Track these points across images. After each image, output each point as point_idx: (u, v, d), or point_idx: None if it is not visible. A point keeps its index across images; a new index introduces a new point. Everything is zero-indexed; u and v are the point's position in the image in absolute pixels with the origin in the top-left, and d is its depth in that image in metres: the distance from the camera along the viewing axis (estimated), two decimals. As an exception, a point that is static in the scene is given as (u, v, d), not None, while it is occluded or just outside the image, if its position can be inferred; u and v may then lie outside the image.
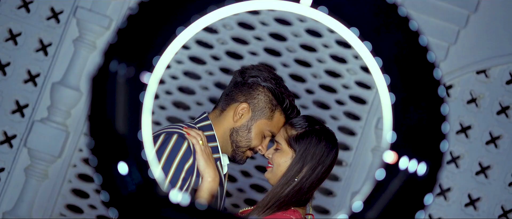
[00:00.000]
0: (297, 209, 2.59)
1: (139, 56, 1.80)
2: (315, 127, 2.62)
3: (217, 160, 2.64)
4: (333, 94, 4.54)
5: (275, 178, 2.61)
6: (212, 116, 2.70)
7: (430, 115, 1.79)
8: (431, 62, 1.81)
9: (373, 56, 1.83)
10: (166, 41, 1.81)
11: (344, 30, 1.84)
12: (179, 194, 1.75)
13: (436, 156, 1.78)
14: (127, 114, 1.77)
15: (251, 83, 2.65)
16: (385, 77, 1.82)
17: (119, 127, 1.77)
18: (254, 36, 4.53)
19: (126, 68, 1.79)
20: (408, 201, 1.74)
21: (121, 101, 1.78)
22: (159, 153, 2.51)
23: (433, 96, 1.80)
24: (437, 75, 1.81)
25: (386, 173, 1.76)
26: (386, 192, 1.73)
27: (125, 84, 1.78)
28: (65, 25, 4.51)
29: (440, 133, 1.79)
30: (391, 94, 1.81)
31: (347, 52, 4.52)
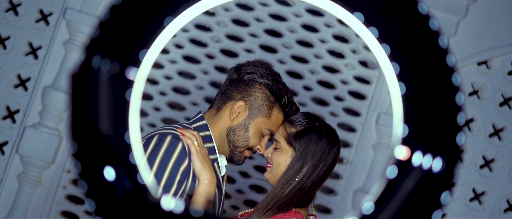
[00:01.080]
0: (299, 210, 2.52)
1: (124, 50, 1.62)
2: (315, 124, 2.54)
3: (214, 161, 2.57)
4: (332, 90, 4.48)
5: (275, 178, 2.53)
6: (207, 116, 2.62)
7: (444, 106, 1.61)
8: (444, 48, 1.63)
9: (380, 43, 1.64)
10: (153, 33, 1.63)
11: (347, 16, 1.65)
12: (172, 201, 1.56)
13: (452, 150, 1.60)
14: (112, 115, 1.59)
15: (247, 80, 2.57)
16: (394, 65, 1.64)
17: (103, 129, 1.58)
18: (249, 33, 4.45)
19: (110, 63, 1.61)
20: (424, 200, 1.55)
21: (105, 100, 1.59)
22: (152, 156, 2.43)
23: (446, 85, 1.62)
24: (451, 62, 1.63)
25: (399, 171, 1.58)
26: (399, 192, 1.55)
27: (109, 82, 1.60)
28: (54, 27, 4.39)
29: (455, 125, 1.60)
30: (401, 83, 1.63)
31: (345, 46, 4.45)
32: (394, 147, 1.60)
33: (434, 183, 1.56)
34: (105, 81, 1.60)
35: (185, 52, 4.46)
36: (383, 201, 1.56)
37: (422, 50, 1.64)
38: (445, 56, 1.63)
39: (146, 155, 2.42)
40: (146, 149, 2.43)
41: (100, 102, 1.59)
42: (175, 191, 2.43)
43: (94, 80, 1.60)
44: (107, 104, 1.59)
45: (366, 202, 1.56)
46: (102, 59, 1.61)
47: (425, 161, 1.58)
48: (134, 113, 1.62)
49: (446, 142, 1.60)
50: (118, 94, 1.60)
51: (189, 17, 1.67)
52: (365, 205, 1.56)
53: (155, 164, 2.42)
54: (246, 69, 2.58)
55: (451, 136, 1.60)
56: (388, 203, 1.55)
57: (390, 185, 1.57)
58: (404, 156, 1.60)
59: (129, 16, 1.64)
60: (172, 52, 4.44)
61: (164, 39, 1.65)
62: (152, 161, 2.42)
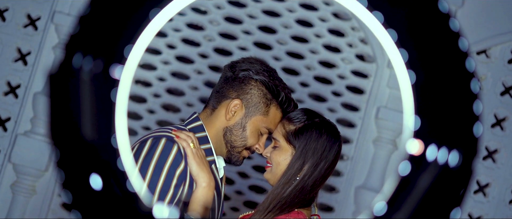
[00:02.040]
0: (301, 210, 2.44)
1: (107, 47, 1.46)
2: (314, 120, 2.47)
3: (211, 163, 2.48)
4: (329, 86, 4.39)
5: (275, 178, 2.46)
6: (203, 116, 2.54)
7: (459, 94, 1.45)
8: (455, 31, 1.47)
9: (386, 29, 1.49)
10: (138, 27, 1.47)
11: (350, 0, 1.50)
12: (165, 209, 1.40)
13: (469, 142, 1.44)
14: (97, 117, 1.43)
15: (243, 77, 2.49)
16: (402, 52, 1.48)
17: (87, 133, 1.42)
18: (243, 31, 4.37)
19: (92, 62, 1.45)
20: (441, 198, 1.39)
21: (88, 102, 1.43)
22: (147, 160, 2.35)
23: (460, 71, 1.46)
24: (463, 46, 1.47)
25: (412, 167, 1.42)
26: (414, 190, 1.39)
27: (92, 81, 1.44)
28: (43, 32, 4.26)
29: (472, 115, 1.45)
30: (410, 71, 1.47)
31: (341, 40, 4.37)
32: (405, 141, 1.45)
33: (451, 179, 1.40)
34: (87, 81, 1.44)
35: (178, 52, 4.38)
36: (397, 201, 1.40)
37: (431, 34, 1.48)
38: (457, 40, 1.48)
39: (140, 159, 2.34)
40: (140, 153, 2.36)
41: (83, 104, 1.43)
42: (171, 196, 2.34)
43: (76, 80, 1.44)
44: (91, 106, 1.44)
45: (378, 202, 1.40)
46: (84, 57, 1.46)
47: (440, 155, 1.42)
48: (121, 115, 1.47)
49: (462, 133, 1.44)
50: (102, 95, 1.45)
51: (176, 8, 1.52)
52: (376, 205, 1.41)
53: (150, 168, 2.33)
54: (240, 66, 2.51)
55: (467, 126, 1.45)
56: (402, 203, 1.39)
57: (403, 183, 1.41)
58: (417, 150, 1.44)
59: (112, 10, 1.48)
60: (164, 53, 4.36)
61: (150, 33, 1.49)
62: (146, 165, 2.34)
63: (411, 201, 1.39)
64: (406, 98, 1.47)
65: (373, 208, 1.40)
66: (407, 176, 1.42)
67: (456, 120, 1.45)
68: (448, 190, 1.40)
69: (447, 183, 1.40)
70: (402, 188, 1.41)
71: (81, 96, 1.43)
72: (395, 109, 4.20)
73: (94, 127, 1.41)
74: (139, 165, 2.32)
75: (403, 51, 1.48)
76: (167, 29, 4.31)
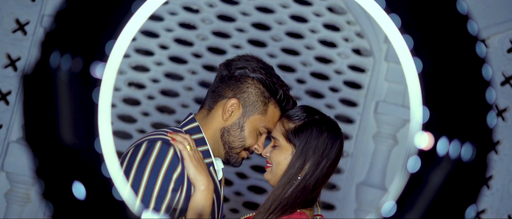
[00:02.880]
0: (304, 210, 2.38)
1: (86, 44, 1.32)
2: (314, 117, 2.41)
3: (209, 165, 2.42)
4: (326, 82, 4.30)
5: (276, 178, 2.41)
6: (199, 117, 2.48)
7: (469, 82, 1.32)
8: (463, 14, 1.34)
9: (388, 14, 1.35)
10: (120, 21, 1.34)
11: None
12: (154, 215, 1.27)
13: (482, 134, 1.31)
14: (78, 120, 1.30)
15: (239, 76, 2.43)
16: (406, 38, 1.34)
17: (68, 137, 1.29)
18: (236, 28, 4.29)
19: (71, 60, 1.32)
20: (455, 196, 1.26)
21: (68, 103, 1.30)
22: (142, 164, 2.28)
23: (470, 56, 1.33)
24: (473, 29, 1.34)
25: (422, 162, 1.28)
26: (425, 187, 1.25)
27: (71, 81, 1.31)
28: (32, 37, 4.14)
29: (484, 104, 1.32)
30: (416, 59, 1.34)
31: (336, 35, 4.30)
32: (413, 135, 1.32)
33: (465, 174, 1.27)
34: (66, 82, 1.31)
35: (171, 52, 4.27)
36: (407, 200, 1.27)
37: (438, 18, 1.35)
38: (466, 23, 1.35)
39: (135, 164, 2.28)
40: (135, 158, 2.29)
41: (62, 107, 1.30)
42: (169, 201, 2.29)
43: (54, 80, 1.30)
44: (70, 108, 1.30)
45: (386, 202, 1.27)
46: (62, 56, 1.32)
47: (452, 149, 1.29)
48: (105, 116, 1.33)
49: (475, 124, 1.31)
50: (83, 96, 1.31)
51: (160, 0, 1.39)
52: (385, 205, 1.27)
53: (146, 173, 2.27)
54: (236, 64, 2.45)
55: (480, 116, 1.32)
56: (413, 202, 1.26)
57: (413, 180, 1.28)
58: (427, 144, 1.31)
59: (91, 3, 1.35)
60: (157, 54, 4.27)
61: (133, 27, 1.36)
62: (142, 170, 2.27)
63: (423, 200, 1.26)
64: (412, 88, 1.34)
65: (381, 208, 1.27)
66: (417, 172, 1.29)
67: (467, 110, 1.32)
68: (462, 187, 1.27)
69: (461, 178, 1.27)
70: (412, 186, 1.28)
71: (60, 97, 1.30)
72: (394, 103, 4.14)
73: (75, 131, 1.28)
74: (134, 170, 2.26)
75: (408, 37, 1.35)
76: (159, 30, 4.23)
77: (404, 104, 4.13)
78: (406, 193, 1.27)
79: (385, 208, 1.27)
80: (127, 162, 2.29)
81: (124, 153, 2.35)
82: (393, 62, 4.14)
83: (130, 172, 2.26)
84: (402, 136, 4.17)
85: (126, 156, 2.31)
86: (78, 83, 1.31)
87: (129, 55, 4.22)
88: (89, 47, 1.33)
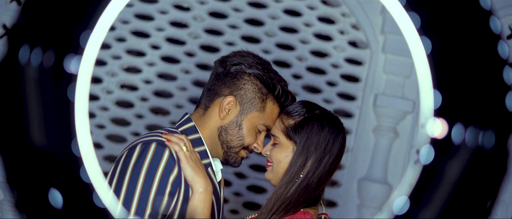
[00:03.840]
0: (308, 209, 2.33)
1: (58, 35, 1.17)
2: (315, 113, 2.36)
3: (207, 166, 2.35)
4: (323, 76, 4.24)
5: (277, 177, 2.35)
6: (195, 117, 2.41)
7: (484, 61, 1.17)
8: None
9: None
10: (96, 9, 1.19)
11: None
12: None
13: (501, 118, 1.16)
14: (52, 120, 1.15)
15: (235, 72, 2.37)
16: (413, 17, 1.20)
17: (41, 140, 1.14)
18: (229, 25, 4.23)
19: (42, 54, 1.17)
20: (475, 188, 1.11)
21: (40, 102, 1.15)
22: (137, 167, 2.20)
23: (484, 34, 1.18)
24: (486, 4, 1.19)
25: (436, 152, 1.14)
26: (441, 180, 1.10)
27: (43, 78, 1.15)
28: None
29: (502, 84, 1.17)
30: (424, 39, 1.19)
31: (332, 28, 4.23)
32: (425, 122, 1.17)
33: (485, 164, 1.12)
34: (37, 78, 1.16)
35: (163, 52, 4.21)
36: (421, 195, 1.12)
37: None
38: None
39: (129, 167, 2.20)
40: (129, 161, 2.21)
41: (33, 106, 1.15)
42: (166, 204, 2.21)
43: (23, 77, 1.15)
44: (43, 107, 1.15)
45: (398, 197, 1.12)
46: (31, 50, 1.17)
47: (469, 136, 1.15)
48: (82, 115, 1.18)
49: (493, 107, 1.16)
50: (57, 93, 1.17)
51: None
52: (396, 201, 1.13)
53: (141, 176, 2.19)
54: (232, 60, 2.39)
55: (497, 99, 1.17)
56: (428, 197, 1.11)
57: (427, 173, 1.13)
58: (440, 132, 1.16)
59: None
60: (149, 54, 4.19)
61: (110, 15, 1.21)
62: (136, 173, 2.19)
63: (439, 195, 1.11)
64: (421, 71, 1.19)
65: (393, 205, 1.12)
66: (431, 164, 1.14)
67: (483, 92, 1.17)
68: (482, 178, 1.12)
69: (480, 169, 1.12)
70: (426, 179, 1.13)
71: (30, 96, 1.15)
72: (394, 95, 4.08)
73: (48, 133, 1.13)
74: (128, 174, 2.18)
75: (414, 15, 1.20)
76: (150, 29, 4.17)
77: (404, 96, 4.07)
78: (419, 188, 1.12)
79: (397, 205, 1.12)
80: (121, 166, 2.20)
81: (118, 157, 2.26)
82: (391, 53, 4.07)
83: (124, 177, 2.18)
84: (403, 129, 4.10)
85: (119, 159, 2.23)
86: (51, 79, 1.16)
87: (120, 56, 4.15)
88: (61, 39, 1.18)
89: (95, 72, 4.08)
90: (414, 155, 4.08)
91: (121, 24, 4.12)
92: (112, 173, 2.22)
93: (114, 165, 2.24)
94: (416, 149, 4.07)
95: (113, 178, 2.19)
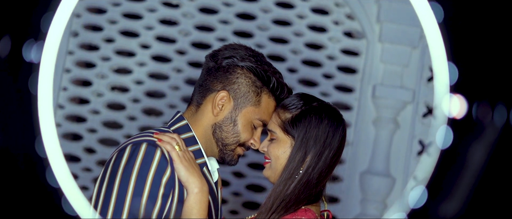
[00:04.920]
0: (309, 207, 2.29)
1: (16, 20, 1.00)
2: (312, 105, 2.31)
3: (202, 166, 2.31)
4: (319, 69, 4.22)
5: (276, 174, 2.31)
6: (187, 115, 2.36)
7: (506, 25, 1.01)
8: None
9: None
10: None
11: None
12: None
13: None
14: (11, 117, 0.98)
15: (227, 66, 2.32)
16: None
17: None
18: (220, 20, 4.21)
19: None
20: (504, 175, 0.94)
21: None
22: (127, 169, 2.14)
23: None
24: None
25: (455, 134, 0.97)
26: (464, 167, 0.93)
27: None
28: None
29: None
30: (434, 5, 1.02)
31: (326, 19, 4.20)
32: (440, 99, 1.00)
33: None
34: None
35: (153, 52, 4.19)
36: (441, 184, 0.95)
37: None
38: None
39: (119, 170, 2.14)
40: (119, 163, 2.15)
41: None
42: (160, 207, 2.16)
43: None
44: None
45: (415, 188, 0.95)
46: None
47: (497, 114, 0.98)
48: (47, 110, 1.02)
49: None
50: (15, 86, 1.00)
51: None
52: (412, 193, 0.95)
53: (132, 179, 2.13)
54: (223, 54, 2.34)
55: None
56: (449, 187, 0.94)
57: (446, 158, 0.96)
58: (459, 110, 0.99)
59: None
60: (139, 54, 4.15)
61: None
62: (127, 176, 2.13)
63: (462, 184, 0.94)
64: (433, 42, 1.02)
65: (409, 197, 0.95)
66: (450, 147, 0.97)
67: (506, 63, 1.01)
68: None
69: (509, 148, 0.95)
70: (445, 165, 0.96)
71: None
72: (392, 85, 4.03)
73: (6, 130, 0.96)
74: (119, 177, 2.12)
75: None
76: (139, 28, 4.11)
77: (403, 85, 4.02)
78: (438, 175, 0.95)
79: (414, 197, 0.95)
80: (111, 169, 2.13)
81: (108, 160, 2.18)
82: (388, 42, 4.02)
83: (115, 180, 2.11)
84: (404, 119, 4.05)
85: (109, 163, 2.16)
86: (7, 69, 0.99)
87: (110, 57, 4.09)
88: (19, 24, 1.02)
89: (84, 74, 4.07)
90: (417, 146, 4.04)
91: (109, 24, 4.08)
92: (101, 177, 2.14)
93: (104, 169, 2.19)
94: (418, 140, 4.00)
95: (102, 183, 2.12)
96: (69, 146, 3.98)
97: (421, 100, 4.03)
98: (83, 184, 3.96)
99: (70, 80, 4.00)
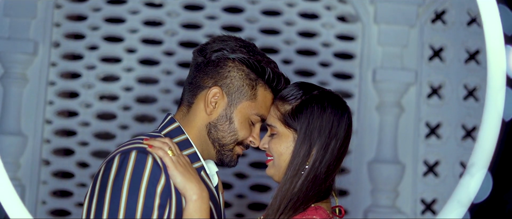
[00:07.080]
0: (319, 204, 2.18)
1: None
2: (313, 94, 2.21)
3: (200, 170, 2.21)
4: (315, 57, 4.14)
5: (280, 172, 2.21)
6: (179, 117, 2.26)
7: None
8: None
9: None
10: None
11: None
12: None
13: None
14: None
15: (217, 60, 2.22)
16: None
17: None
18: (207, 16, 4.11)
19: None
20: None
21: None
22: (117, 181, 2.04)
23: None
24: None
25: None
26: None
27: None
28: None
29: None
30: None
31: (317, 5, 4.09)
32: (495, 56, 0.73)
33: None
34: None
35: (140, 55, 4.11)
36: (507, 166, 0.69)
37: None
38: None
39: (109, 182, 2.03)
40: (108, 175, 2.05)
41: None
42: None
43: None
44: None
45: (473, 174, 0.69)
46: None
47: None
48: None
49: None
50: None
51: None
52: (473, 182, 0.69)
53: (123, 191, 2.02)
54: (212, 47, 2.24)
55: None
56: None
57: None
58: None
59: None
60: (125, 59, 4.04)
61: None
62: (118, 188, 2.03)
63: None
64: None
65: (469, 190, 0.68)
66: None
67: None
68: None
69: None
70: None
71: None
72: (393, 67, 3.90)
73: None
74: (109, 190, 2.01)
75: None
76: (123, 32, 3.99)
77: (404, 66, 3.90)
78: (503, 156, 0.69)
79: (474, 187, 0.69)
80: (100, 182, 2.03)
81: (96, 173, 2.08)
82: (384, 23, 3.90)
83: (105, 194, 2.00)
84: (408, 102, 3.93)
85: (97, 175, 2.05)
86: None
87: (95, 66, 3.97)
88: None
89: (70, 86, 3.95)
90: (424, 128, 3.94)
91: (91, 31, 3.96)
92: (90, 192, 2.02)
93: (92, 182, 2.05)
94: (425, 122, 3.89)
95: (92, 199, 2.00)
96: (61, 162, 3.85)
97: (424, 80, 3.92)
98: (79, 200, 3.84)
99: (56, 93, 3.88)
